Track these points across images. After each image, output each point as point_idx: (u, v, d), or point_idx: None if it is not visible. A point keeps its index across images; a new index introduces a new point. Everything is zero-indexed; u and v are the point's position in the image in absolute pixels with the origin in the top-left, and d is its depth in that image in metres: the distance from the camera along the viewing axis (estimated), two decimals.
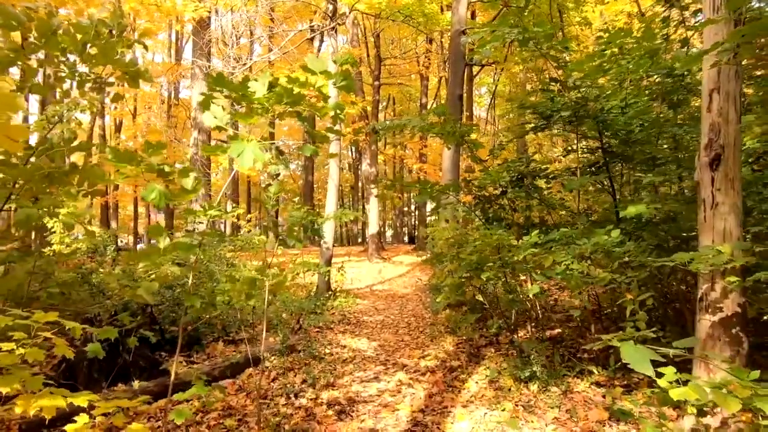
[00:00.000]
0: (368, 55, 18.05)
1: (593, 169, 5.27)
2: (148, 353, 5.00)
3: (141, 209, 37.88)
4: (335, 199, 9.78)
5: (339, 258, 16.71)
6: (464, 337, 6.23)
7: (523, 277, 5.80)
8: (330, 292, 9.23)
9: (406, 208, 38.55)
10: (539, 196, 5.22)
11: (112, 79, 3.43)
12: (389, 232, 41.25)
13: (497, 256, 4.78)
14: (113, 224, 29.83)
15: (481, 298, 4.94)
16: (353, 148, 32.43)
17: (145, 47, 3.64)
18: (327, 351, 5.90)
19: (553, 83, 4.94)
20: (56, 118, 3.04)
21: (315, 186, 30.06)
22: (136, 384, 4.27)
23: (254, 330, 7.01)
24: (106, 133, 28.39)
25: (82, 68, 3.41)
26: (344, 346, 6.19)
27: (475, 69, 18.01)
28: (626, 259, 4.16)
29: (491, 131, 24.04)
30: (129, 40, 3.27)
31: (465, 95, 13.77)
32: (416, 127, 5.32)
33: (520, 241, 4.71)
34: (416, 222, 31.15)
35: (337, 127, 3.10)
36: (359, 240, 35.08)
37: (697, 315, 3.39)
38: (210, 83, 2.53)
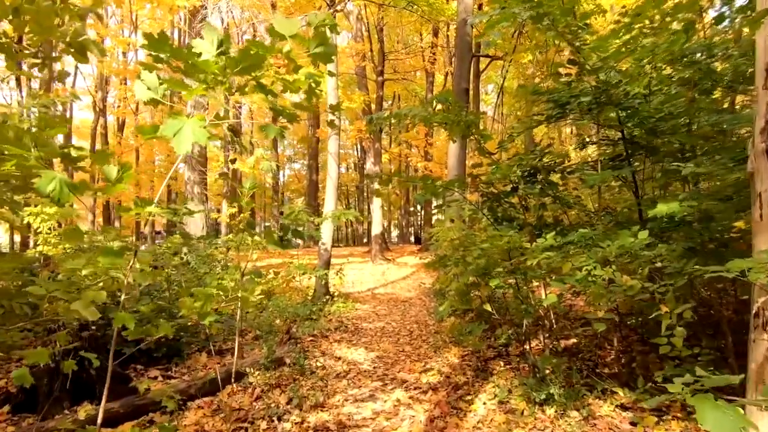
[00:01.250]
0: (371, 50, 17.51)
1: (615, 162, 4.71)
2: (117, 368, 4.49)
3: None
4: (334, 198, 9.26)
5: (341, 259, 16.22)
6: (470, 348, 5.69)
7: (536, 284, 5.25)
8: (328, 297, 8.71)
9: (412, 208, 38.04)
10: (555, 193, 4.66)
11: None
12: (395, 232, 40.74)
13: (507, 261, 4.23)
14: (116, 224, 29.51)
15: (489, 308, 4.39)
16: (358, 147, 31.95)
17: (99, 17, 3.08)
18: (319, 363, 5.37)
19: (570, 65, 4.38)
20: None
21: (320, 186, 29.56)
22: (81, 412, 3.73)
23: (243, 338, 6.50)
24: (107, 132, 28.06)
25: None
26: (339, 358, 5.66)
27: (482, 64, 17.42)
28: (657, 264, 3.61)
29: (499, 130, 23.41)
30: (76, 7, 2.74)
31: (472, 92, 13.20)
32: (417, 117, 4.78)
33: (533, 243, 4.16)
34: (422, 222, 30.60)
35: (332, 119, 2.57)
36: (364, 240, 34.57)
37: (751, 333, 2.82)
38: (145, 46, 2.01)
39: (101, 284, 2.80)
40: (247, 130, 30.13)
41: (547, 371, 4.37)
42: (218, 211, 22.63)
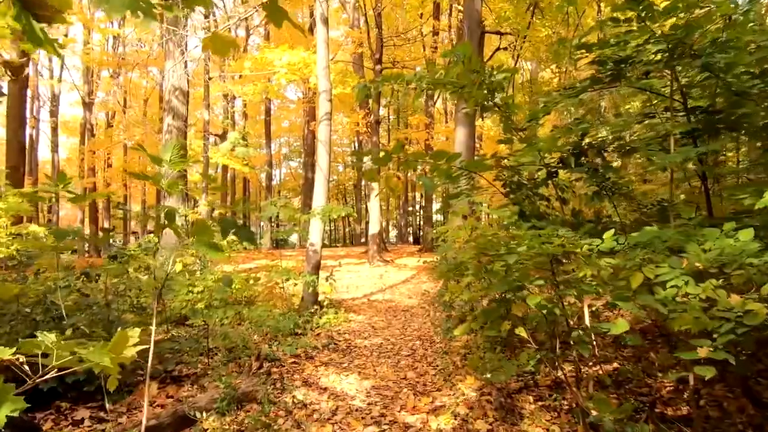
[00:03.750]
0: (369, 37, 16.34)
1: (685, 138, 3.56)
2: (21, 415, 3.32)
3: (136, 206, 36.42)
4: (324, 191, 8.10)
5: (337, 260, 15.09)
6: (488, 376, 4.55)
7: (574, 300, 4.11)
8: (316, 306, 7.54)
9: (411, 207, 36.96)
10: (615, 179, 3.51)
11: None
12: (393, 232, 39.69)
13: (549, 271, 3.09)
14: (106, 224, 28.31)
15: (524, 334, 3.25)
16: (355, 144, 30.81)
17: None
18: (299, 398, 4.22)
19: (633, 6, 3.23)
20: None
21: None
22: None
23: (211, 359, 5.35)
24: (93, 127, 26.85)
25: None
26: (325, 389, 4.51)
27: (487, 52, 16.28)
28: None
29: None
30: None
31: None
32: (423, 80, 3.66)
33: (584, 247, 3.02)
34: (421, 221, 29.47)
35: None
36: (362, 240, 33.44)
37: None
38: None
39: None
40: (240, 128, 28.98)
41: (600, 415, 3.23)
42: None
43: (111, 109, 28.70)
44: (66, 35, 26.94)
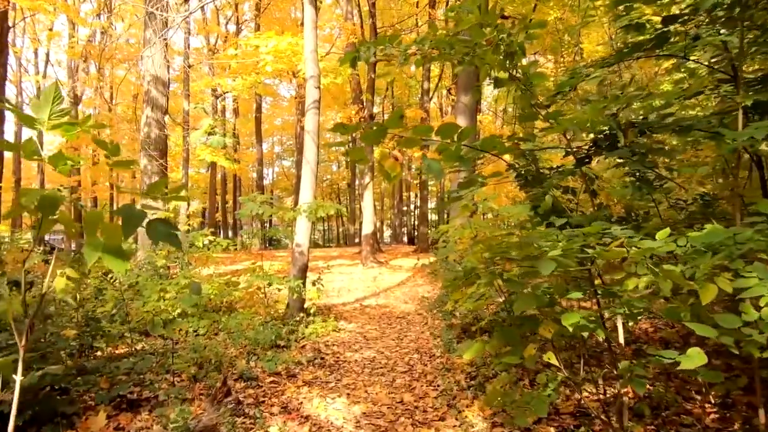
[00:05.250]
0: (362, 29, 15.63)
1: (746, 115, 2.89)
2: None
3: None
4: (312, 187, 7.39)
5: (329, 261, 14.38)
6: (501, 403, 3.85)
7: (607, 315, 3.42)
8: (302, 314, 6.81)
9: (405, 207, 36.33)
10: (668, 164, 2.83)
11: None
12: (388, 232, 39.09)
13: (587, 280, 2.40)
14: None
15: (555, 360, 2.56)
16: (349, 138, 30.06)
17: None
18: (275, 429, 3.50)
19: None
20: None
21: None
22: None
23: (178, 377, 4.63)
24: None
25: None
26: (306, 418, 3.80)
27: None
28: None
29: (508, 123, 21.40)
30: None
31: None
32: (426, 43, 2.97)
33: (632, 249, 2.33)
34: (416, 221, 28.78)
35: None
36: (356, 240, 32.72)
37: None
38: None
39: None
40: (229, 121, 28.18)
41: None
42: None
43: (99, 106, 27.87)
44: (51, 29, 26.13)
